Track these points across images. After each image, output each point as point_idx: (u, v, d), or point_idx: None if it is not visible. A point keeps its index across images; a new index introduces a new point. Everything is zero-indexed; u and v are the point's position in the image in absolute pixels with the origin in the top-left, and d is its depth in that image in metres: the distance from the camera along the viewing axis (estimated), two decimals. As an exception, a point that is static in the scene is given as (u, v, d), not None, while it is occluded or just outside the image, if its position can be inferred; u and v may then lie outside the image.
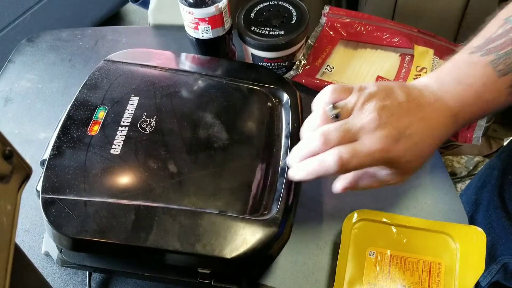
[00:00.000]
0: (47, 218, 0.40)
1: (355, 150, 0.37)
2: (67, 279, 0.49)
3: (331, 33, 0.71)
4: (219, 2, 0.57)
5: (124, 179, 0.44)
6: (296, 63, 0.67)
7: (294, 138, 0.48)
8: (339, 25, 0.71)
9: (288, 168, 0.43)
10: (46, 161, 0.44)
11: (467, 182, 0.82)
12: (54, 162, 0.44)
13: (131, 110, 0.48)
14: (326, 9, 0.72)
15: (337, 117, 0.39)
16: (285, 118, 0.51)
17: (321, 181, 0.56)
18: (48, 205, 0.41)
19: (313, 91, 0.66)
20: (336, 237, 0.52)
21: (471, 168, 0.86)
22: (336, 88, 0.40)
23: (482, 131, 0.60)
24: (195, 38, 0.61)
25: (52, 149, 0.45)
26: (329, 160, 0.37)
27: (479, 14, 0.88)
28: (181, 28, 0.63)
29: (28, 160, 0.31)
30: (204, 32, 0.59)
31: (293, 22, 0.62)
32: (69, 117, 0.48)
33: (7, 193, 0.29)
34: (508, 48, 0.40)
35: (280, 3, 0.64)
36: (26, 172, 0.31)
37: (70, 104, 0.49)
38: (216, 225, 0.41)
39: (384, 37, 0.68)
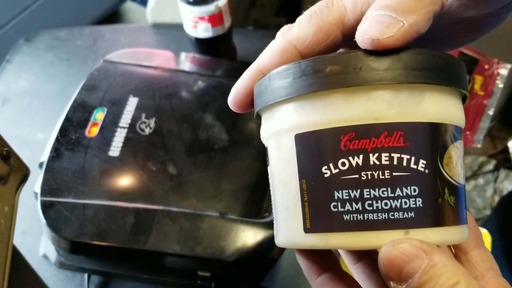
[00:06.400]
0: (46, 220, 0.40)
1: None
2: (65, 281, 0.49)
3: None
4: (219, 0, 0.56)
5: (123, 182, 0.43)
6: None
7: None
8: None
9: None
10: (45, 164, 0.44)
11: (472, 183, 0.82)
12: (53, 164, 0.43)
13: (130, 111, 0.48)
14: None
15: None
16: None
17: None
18: (47, 208, 0.41)
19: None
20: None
21: (475, 168, 0.85)
22: None
23: (484, 133, 0.60)
24: (195, 37, 0.60)
25: (51, 151, 0.44)
26: None
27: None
28: (180, 27, 0.62)
29: (25, 161, 0.31)
30: (203, 31, 0.59)
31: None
32: (67, 118, 0.47)
33: (4, 194, 0.29)
34: None
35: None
36: (23, 173, 0.31)
37: (69, 106, 0.48)
38: (216, 227, 0.40)
39: None
